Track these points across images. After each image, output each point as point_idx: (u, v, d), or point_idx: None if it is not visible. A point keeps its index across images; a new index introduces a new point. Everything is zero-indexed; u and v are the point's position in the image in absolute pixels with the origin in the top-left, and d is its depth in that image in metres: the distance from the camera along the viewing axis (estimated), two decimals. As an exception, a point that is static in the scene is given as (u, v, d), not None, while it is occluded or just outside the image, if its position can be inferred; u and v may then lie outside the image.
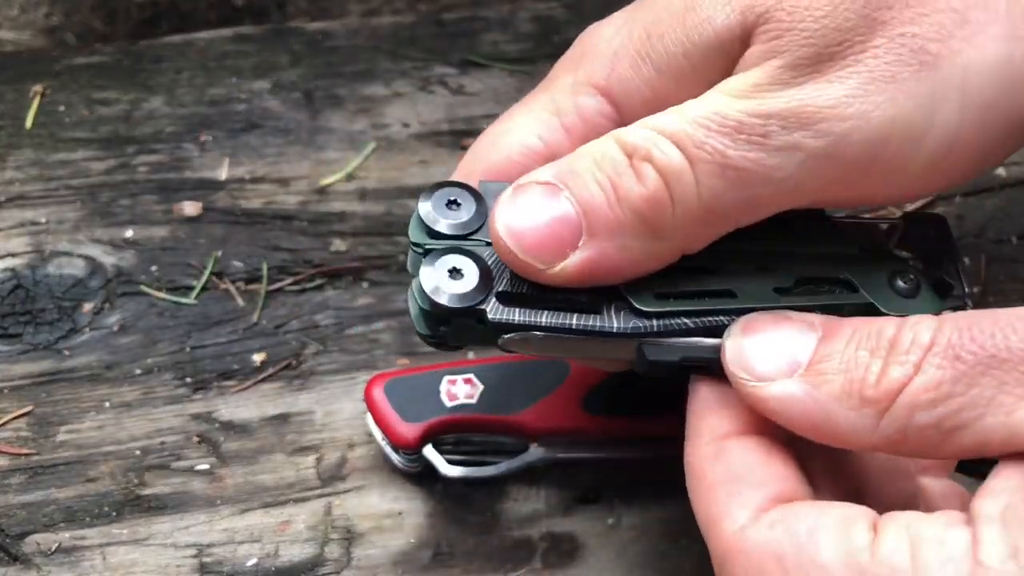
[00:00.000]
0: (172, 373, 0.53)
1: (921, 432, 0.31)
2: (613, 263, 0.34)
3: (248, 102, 0.65)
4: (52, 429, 0.51)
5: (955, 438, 0.31)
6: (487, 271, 0.35)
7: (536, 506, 0.49)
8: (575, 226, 0.34)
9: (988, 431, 0.30)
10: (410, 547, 0.48)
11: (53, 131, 0.63)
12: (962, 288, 0.39)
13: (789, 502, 0.33)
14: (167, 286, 0.56)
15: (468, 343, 0.38)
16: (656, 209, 0.34)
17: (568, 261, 0.34)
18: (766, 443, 0.35)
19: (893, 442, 0.32)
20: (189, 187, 0.61)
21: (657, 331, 0.36)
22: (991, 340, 0.30)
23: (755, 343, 0.34)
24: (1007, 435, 0.30)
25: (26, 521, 0.48)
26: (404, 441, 0.47)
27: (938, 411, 0.30)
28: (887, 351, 0.32)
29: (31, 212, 0.59)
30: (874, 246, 0.40)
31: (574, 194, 0.34)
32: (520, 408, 0.47)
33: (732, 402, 0.35)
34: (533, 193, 0.34)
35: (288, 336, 0.55)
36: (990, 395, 0.30)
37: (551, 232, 0.34)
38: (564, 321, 0.35)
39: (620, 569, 0.47)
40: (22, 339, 0.54)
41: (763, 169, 0.33)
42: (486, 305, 0.35)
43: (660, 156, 0.33)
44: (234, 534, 0.48)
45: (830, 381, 0.32)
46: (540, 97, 0.39)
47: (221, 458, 0.50)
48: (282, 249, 0.58)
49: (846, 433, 0.32)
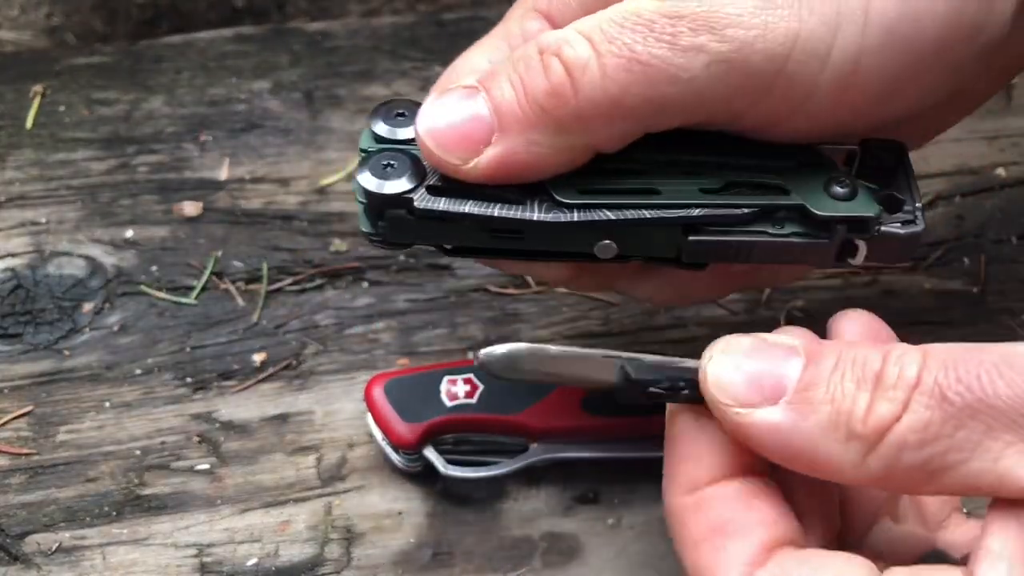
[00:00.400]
0: (172, 373, 0.53)
1: (907, 471, 0.31)
2: (522, 159, 0.36)
3: (248, 102, 0.65)
4: (52, 429, 0.51)
5: (941, 478, 0.30)
6: (420, 168, 0.37)
7: (536, 506, 0.49)
8: (488, 124, 0.36)
9: (975, 475, 0.30)
10: (410, 547, 0.48)
11: (53, 131, 0.63)
12: (912, 203, 0.38)
13: (779, 547, 0.33)
14: (167, 286, 0.56)
15: (406, 238, 0.39)
16: (558, 101, 0.35)
17: (481, 157, 0.36)
18: (748, 487, 0.34)
19: (878, 478, 0.31)
20: (189, 187, 0.61)
21: (577, 222, 0.37)
22: (978, 383, 0.30)
23: (736, 366, 0.33)
24: (994, 480, 0.30)
25: (26, 521, 0.48)
26: (404, 441, 0.47)
27: (925, 452, 0.30)
28: (873, 384, 0.31)
29: (31, 212, 0.59)
30: (813, 159, 0.39)
31: (490, 94, 0.36)
32: (520, 408, 0.47)
33: (708, 444, 0.34)
34: (453, 95, 0.37)
35: (288, 336, 0.55)
36: (977, 439, 0.30)
37: (465, 130, 0.36)
38: (487, 211, 0.37)
39: (620, 569, 0.47)
40: (22, 339, 0.54)
41: (669, 67, 0.34)
42: (414, 195, 0.37)
43: (568, 51, 0.35)
44: (234, 534, 0.48)
45: (817, 411, 0.31)
46: (496, 30, 0.42)
47: (221, 458, 0.50)
48: (282, 249, 0.58)
49: (830, 466, 0.31)
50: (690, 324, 0.55)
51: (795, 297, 0.56)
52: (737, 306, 0.55)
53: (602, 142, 0.36)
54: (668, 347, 0.54)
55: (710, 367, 0.33)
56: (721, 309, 0.55)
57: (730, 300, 0.56)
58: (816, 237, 0.37)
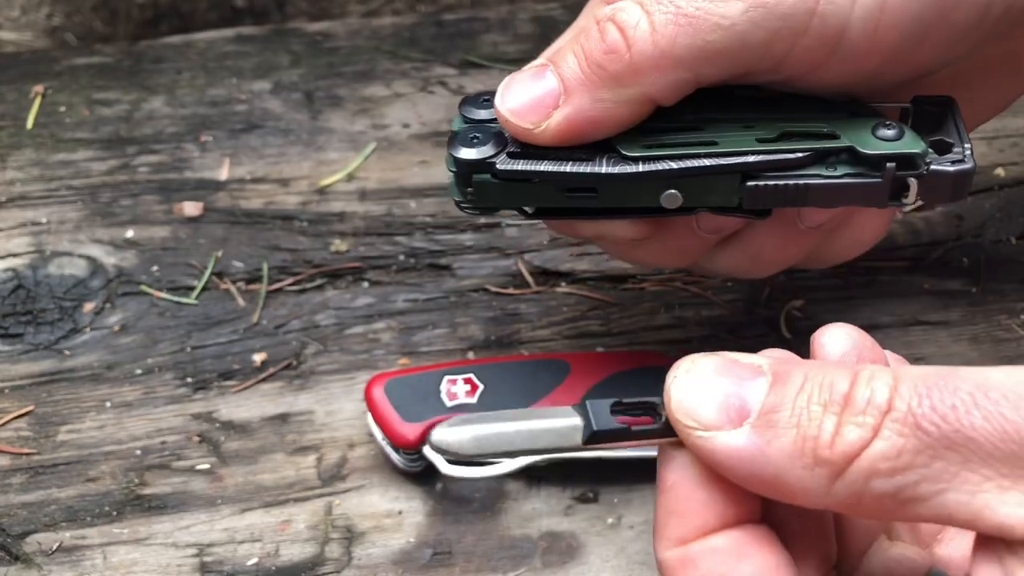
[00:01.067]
0: (173, 373, 0.53)
1: (877, 499, 0.29)
2: (588, 115, 0.40)
3: (249, 103, 0.65)
4: (53, 429, 0.51)
5: (914, 507, 0.29)
6: (502, 139, 0.41)
7: (536, 505, 0.49)
8: (556, 91, 0.40)
9: (951, 507, 0.29)
10: (410, 546, 0.48)
11: (54, 131, 0.63)
12: (961, 144, 0.40)
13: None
14: (168, 286, 0.57)
15: (492, 202, 0.43)
16: (615, 57, 0.39)
17: (551, 120, 0.40)
18: (735, 538, 0.32)
19: (847, 504, 0.30)
20: (190, 187, 0.61)
21: (643, 172, 0.40)
22: (954, 414, 0.28)
23: (700, 387, 0.31)
24: (970, 515, 0.29)
25: (27, 521, 0.48)
26: (404, 441, 0.47)
27: (896, 480, 0.29)
28: (840, 407, 0.30)
29: (32, 212, 0.60)
30: (863, 111, 0.42)
31: (556, 66, 0.40)
32: (520, 408, 0.47)
33: (698, 494, 0.32)
34: (526, 72, 0.41)
35: (288, 336, 0.55)
36: (954, 471, 0.28)
37: (536, 97, 0.40)
38: (560, 168, 0.40)
39: (619, 568, 0.47)
40: (23, 339, 0.55)
41: (711, 16, 0.38)
42: (496, 159, 0.41)
43: (621, 15, 0.39)
44: (235, 533, 0.48)
45: (780, 436, 0.30)
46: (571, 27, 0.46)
47: (221, 458, 0.51)
48: (282, 249, 0.58)
49: (797, 492, 0.30)
50: (689, 324, 0.55)
51: (795, 297, 0.56)
52: (736, 306, 0.56)
53: (659, 93, 0.39)
54: (668, 347, 0.54)
55: (674, 388, 0.32)
56: (720, 309, 0.55)
57: (730, 300, 0.56)
58: (868, 177, 0.39)
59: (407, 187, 0.61)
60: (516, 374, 0.48)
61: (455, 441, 0.33)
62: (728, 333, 0.54)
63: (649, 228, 0.44)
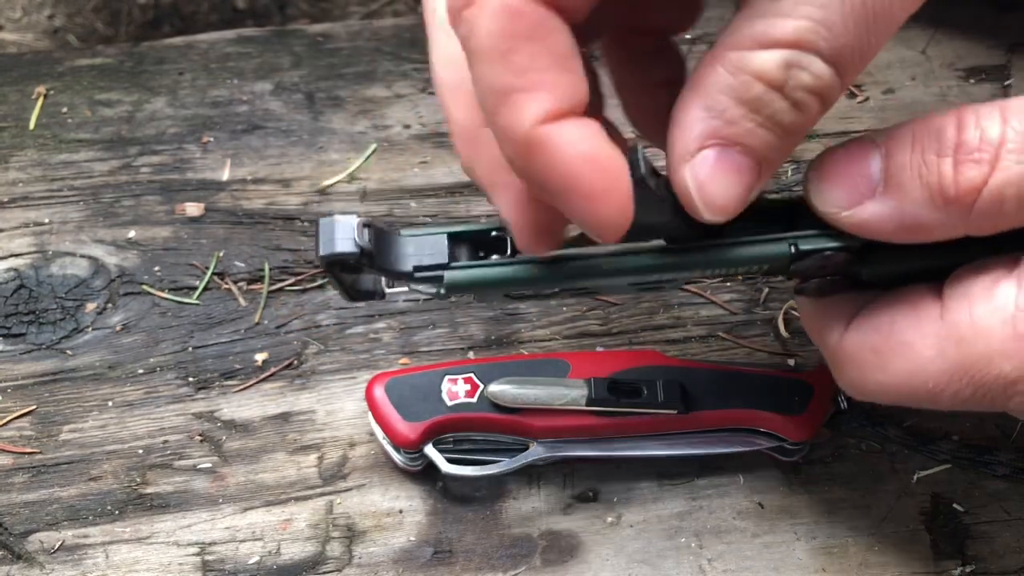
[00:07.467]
0: (174, 372, 0.54)
1: (1015, 218, 0.33)
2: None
3: (250, 103, 0.65)
4: (55, 428, 0.52)
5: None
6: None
7: (536, 504, 0.49)
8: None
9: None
10: (411, 545, 0.48)
11: (56, 132, 0.64)
12: None
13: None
14: (170, 286, 0.57)
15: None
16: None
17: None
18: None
19: (988, 227, 0.34)
20: (191, 188, 0.61)
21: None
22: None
23: (832, 178, 0.35)
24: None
25: (29, 519, 0.49)
26: (405, 440, 0.47)
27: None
28: (953, 151, 0.33)
29: (34, 212, 0.60)
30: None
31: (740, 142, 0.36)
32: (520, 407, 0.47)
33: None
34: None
35: (290, 336, 0.55)
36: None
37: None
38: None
39: (619, 567, 0.47)
40: (25, 339, 0.55)
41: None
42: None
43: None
44: (236, 532, 0.48)
45: (909, 192, 0.34)
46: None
47: (223, 457, 0.51)
48: (284, 249, 0.58)
49: (941, 232, 0.34)
50: (689, 324, 0.55)
51: (794, 297, 0.56)
52: (736, 306, 0.56)
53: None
54: (667, 346, 0.54)
55: (812, 191, 0.36)
56: (720, 309, 0.56)
57: (729, 300, 0.56)
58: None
59: (408, 187, 0.61)
60: (516, 373, 0.48)
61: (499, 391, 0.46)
62: (727, 333, 0.55)
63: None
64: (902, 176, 0.34)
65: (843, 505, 0.49)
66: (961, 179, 0.33)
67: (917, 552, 0.47)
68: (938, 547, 0.48)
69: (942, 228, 0.34)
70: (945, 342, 0.35)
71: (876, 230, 0.35)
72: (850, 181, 0.35)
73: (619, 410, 0.47)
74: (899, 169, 0.34)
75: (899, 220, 0.34)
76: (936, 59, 0.67)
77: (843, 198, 0.35)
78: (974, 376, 0.35)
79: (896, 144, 0.34)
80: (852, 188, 0.35)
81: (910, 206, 0.34)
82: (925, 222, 0.34)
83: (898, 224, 0.34)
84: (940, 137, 0.33)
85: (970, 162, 0.33)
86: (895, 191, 0.34)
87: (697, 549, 0.48)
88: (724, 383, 0.48)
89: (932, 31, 0.69)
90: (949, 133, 0.33)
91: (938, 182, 0.33)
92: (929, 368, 0.35)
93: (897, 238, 0.35)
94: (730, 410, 0.48)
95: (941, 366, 0.35)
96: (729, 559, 0.47)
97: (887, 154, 0.34)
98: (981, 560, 0.47)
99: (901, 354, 0.36)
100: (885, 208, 0.34)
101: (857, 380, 0.38)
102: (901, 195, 0.34)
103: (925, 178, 0.34)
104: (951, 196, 0.33)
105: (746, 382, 0.48)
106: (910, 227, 0.34)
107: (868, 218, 0.35)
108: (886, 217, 0.34)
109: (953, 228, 0.34)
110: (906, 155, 0.34)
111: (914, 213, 0.34)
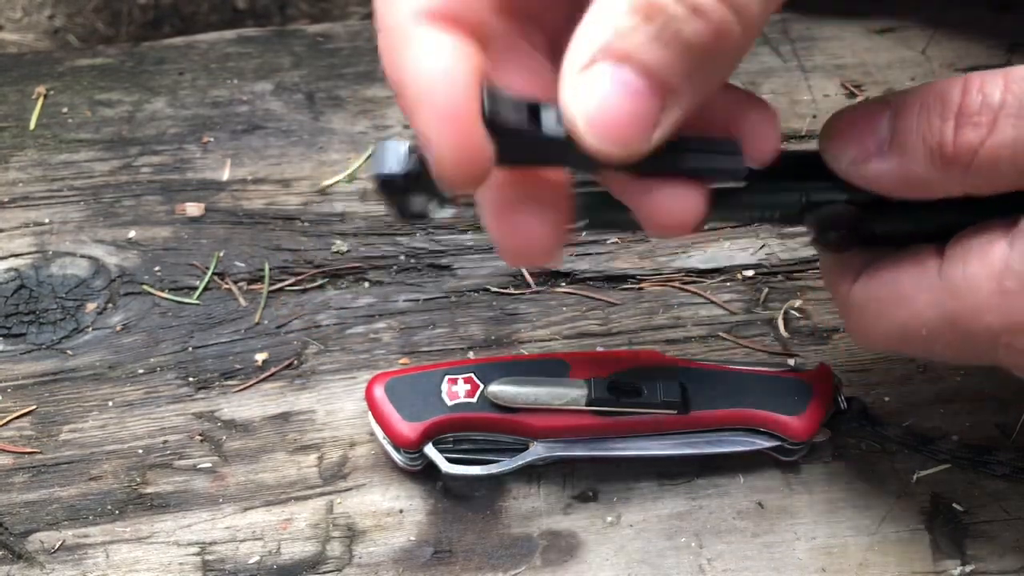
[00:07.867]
0: (175, 372, 0.54)
1: (1008, 179, 0.35)
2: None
3: (250, 104, 0.65)
4: (55, 428, 0.52)
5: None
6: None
7: (536, 504, 0.49)
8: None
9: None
10: (411, 545, 0.48)
11: (56, 132, 0.64)
12: None
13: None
14: (170, 286, 0.57)
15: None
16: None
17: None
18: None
19: (984, 188, 0.36)
20: (192, 188, 0.61)
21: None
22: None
23: (844, 134, 0.38)
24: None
25: (30, 519, 0.49)
26: (405, 440, 0.47)
27: (1020, 163, 0.34)
28: (955, 114, 0.35)
29: (35, 213, 0.60)
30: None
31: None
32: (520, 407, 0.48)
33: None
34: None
35: (290, 336, 0.55)
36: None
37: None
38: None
39: (619, 567, 0.47)
40: (26, 339, 0.55)
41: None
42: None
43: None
44: (236, 532, 0.48)
45: (913, 151, 0.36)
46: None
47: (223, 457, 0.51)
48: (284, 249, 0.58)
49: (939, 189, 0.36)
50: (689, 324, 0.55)
51: (794, 297, 0.56)
52: (736, 306, 0.56)
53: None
54: (666, 346, 0.54)
55: (825, 145, 0.38)
56: (720, 309, 0.56)
57: (729, 300, 0.56)
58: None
59: (408, 188, 0.61)
60: (516, 373, 0.48)
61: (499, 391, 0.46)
62: (727, 333, 0.55)
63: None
64: (907, 137, 0.36)
65: (843, 505, 0.49)
66: (960, 140, 0.35)
67: (917, 552, 0.47)
68: (938, 547, 0.48)
69: (941, 186, 0.36)
70: (940, 295, 0.37)
71: (881, 185, 0.37)
72: (860, 138, 0.37)
73: (619, 410, 0.47)
74: (905, 130, 0.36)
75: (903, 177, 0.37)
76: (936, 59, 0.67)
77: (853, 153, 0.37)
78: (964, 327, 0.37)
79: (905, 106, 0.37)
80: (861, 145, 0.37)
81: (913, 164, 0.36)
82: (926, 180, 0.36)
83: (902, 180, 0.37)
84: (945, 101, 0.36)
85: (970, 125, 0.35)
86: (900, 150, 0.36)
87: (697, 549, 0.48)
88: (724, 383, 0.48)
89: (932, 31, 0.69)
90: (954, 97, 0.35)
91: (939, 143, 0.35)
92: (924, 317, 0.38)
93: (901, 194, 0.37)
94: (730, 410, 0.48)
95: (935, 316, 0.37)
96: (729, 559, 0.47)
97: (895, 115, 0.37)
98: (981, 560, 0.47)
99: (900, 304, 0.38)
100: (890, 165, 0.37)
101: (861, 327, 0.41)
102: (905, 154, 0.36)
103: (928, 140, 0.36)
104: (949, 156, 0.35)
105: (746, 382, 0.48)
106: (912, 184, 0.37)
107: (874, 173, 0.37)
108: (891, 173, 0.37)
109: (952, 186, 0.36)
110: (913, 118, 0.36)
111: (916, 171, 0.36)
